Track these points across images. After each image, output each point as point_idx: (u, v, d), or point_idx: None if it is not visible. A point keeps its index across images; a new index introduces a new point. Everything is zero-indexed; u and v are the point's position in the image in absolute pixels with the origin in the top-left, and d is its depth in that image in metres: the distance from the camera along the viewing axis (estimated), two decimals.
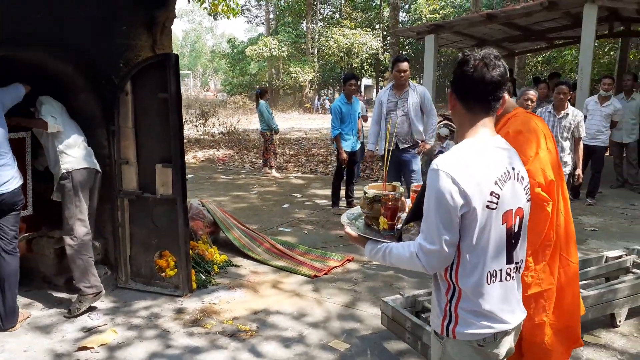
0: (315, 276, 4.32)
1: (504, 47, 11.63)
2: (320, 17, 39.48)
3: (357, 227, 1.88)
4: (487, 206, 1.49)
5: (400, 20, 35.76)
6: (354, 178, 6.89)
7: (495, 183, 1.50)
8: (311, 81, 35.56)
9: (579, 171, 4.76)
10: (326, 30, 35.03)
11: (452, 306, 1.56)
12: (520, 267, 1.63)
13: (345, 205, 6.81)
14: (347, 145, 6.43)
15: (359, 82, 6.78)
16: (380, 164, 8.85)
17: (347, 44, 32.61)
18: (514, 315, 1.61)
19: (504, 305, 1.57)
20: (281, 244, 5.00)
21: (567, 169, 4.74)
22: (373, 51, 35.35)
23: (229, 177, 9.33)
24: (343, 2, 39.18)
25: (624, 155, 7.59)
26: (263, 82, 38.49)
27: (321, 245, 5.18)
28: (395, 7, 10.34)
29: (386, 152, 2.18)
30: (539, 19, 8.66)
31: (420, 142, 5.38)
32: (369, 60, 38.44)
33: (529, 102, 4.31)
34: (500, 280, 1.56)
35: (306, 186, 8.46)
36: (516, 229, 1.57)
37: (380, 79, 44.98)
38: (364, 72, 44.32)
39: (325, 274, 4.40)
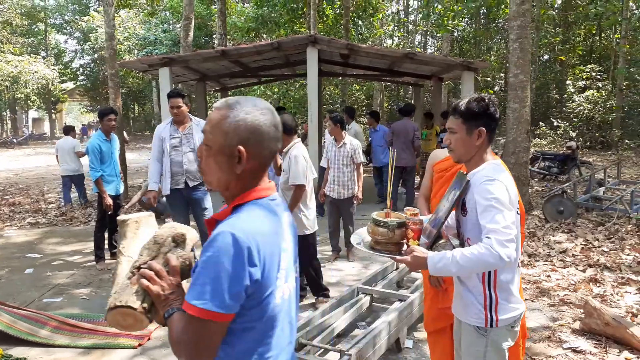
0: (140, 345, 3.66)
1: (219, 82, 12.17)
2: None
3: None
4: (517, 212, 1.88)
5: (85, 49, 33.08)
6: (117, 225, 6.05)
7: (516, 194, 1.90)
8: None
9: (359, 192, 5.46)
10: None
11: (492, 292, 1.90)
12: None
13: (110, 257, 5.92)
14: (110, 189, 5.62)
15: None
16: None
17: (13, 71, 28.09)
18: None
19: (518, 288, 2.00)
20: (73, 318, 4.02)
21: (350, 192, 5.37)
22: (44, 81, 31.50)
23: None
24: None
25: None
26: None
27: None
28: (111, 36, 9.59)
29: (390, 176, 2.19)
30: (264, 57, 9.44)
31: None
32: (37, 91, 34.11)
33: None
34: (518, 266, 1.99)
35: (38, 243, 6.94)
36: None
37: (53, 111, 40.33)
38: (31, 104, 39.07)
39: (149, 339, 3.78)
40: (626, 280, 4.84)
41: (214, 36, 24.56)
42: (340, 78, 17.33)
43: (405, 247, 2.12)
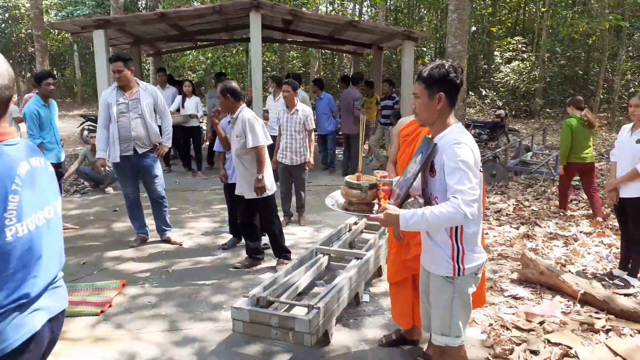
0: (102, 312, 3.65)
1: (154, 46, 11.69)
2: None
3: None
4: (480, 170, 2.04)
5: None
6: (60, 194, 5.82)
7: (479, 155, 2.07)
8: None
9: (311, 158, 5.57)
10: None
11: (459, 244, 2.08)
12: None
13: None
14: (51, 157, 5.38)
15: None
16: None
17: None
18: None
19: (481, 239, 2.23)
20: None
21: (302, 158, 5.47)
22: None
23: None
24: None
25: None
26: None
27: (70, 278, 4.30)
28: None
29: (361, 141, 2.30)
30: (203, 21, 9.17)
31: (158, 145, 5.08)
32: None
33: None
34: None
35: None
36: None
37: None
38: None
39: (110, 306, 3.76)
40: (554, 235, 5.34)
41: None
42: (279, 44, 17.14)
43: (376, 207, 2.28)
